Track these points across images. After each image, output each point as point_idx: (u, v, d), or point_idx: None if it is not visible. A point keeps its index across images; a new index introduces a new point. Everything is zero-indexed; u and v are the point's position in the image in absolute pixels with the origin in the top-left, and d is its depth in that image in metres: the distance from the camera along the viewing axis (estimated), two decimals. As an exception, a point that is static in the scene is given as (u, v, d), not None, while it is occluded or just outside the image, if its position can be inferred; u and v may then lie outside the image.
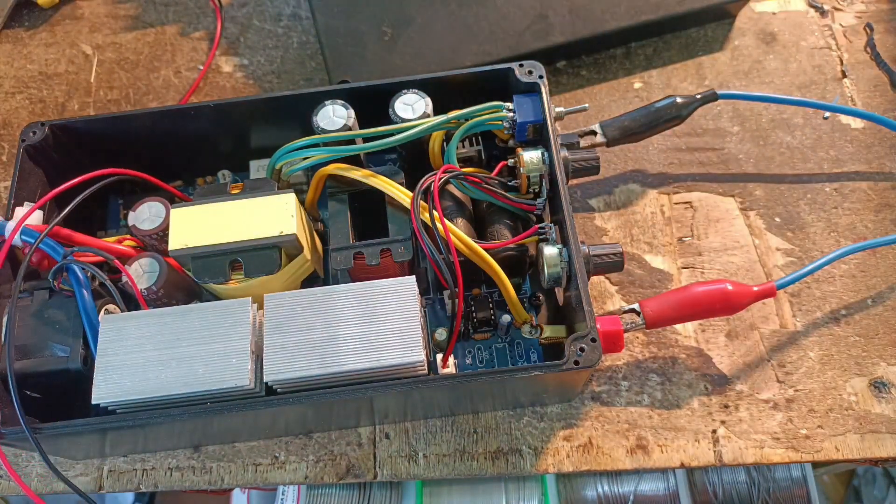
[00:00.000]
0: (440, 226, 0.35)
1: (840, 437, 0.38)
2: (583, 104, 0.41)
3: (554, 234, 0.36)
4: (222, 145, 0.43)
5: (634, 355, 0.41)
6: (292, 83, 0.51)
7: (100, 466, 0.40)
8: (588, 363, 0.32)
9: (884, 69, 0.49)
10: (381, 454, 0.39)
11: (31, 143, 0.38)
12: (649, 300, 0.37)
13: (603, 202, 0.45)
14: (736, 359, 0.40)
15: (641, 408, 0.39)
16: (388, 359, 0.32)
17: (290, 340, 0.33)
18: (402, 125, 0.38)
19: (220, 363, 0.32)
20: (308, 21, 0.53)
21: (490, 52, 0.46)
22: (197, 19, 0.54)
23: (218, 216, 0.35)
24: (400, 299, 0.33)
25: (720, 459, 0.38)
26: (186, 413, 0.32)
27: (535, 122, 0.38)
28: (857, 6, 0.51)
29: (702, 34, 0.51)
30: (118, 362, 0.32)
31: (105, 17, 0.54)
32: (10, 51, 0.53)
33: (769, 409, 0.39)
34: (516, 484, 0.54)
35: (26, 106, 0.51)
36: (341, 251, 0.36)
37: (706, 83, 0.49)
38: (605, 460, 0.39)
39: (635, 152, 0.47)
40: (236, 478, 0.39)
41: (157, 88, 0.51)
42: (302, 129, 0.38)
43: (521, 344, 0.39)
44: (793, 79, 0.49)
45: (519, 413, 0.40)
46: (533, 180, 0.37)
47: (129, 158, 0.42)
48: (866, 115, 0.46)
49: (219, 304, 0.34)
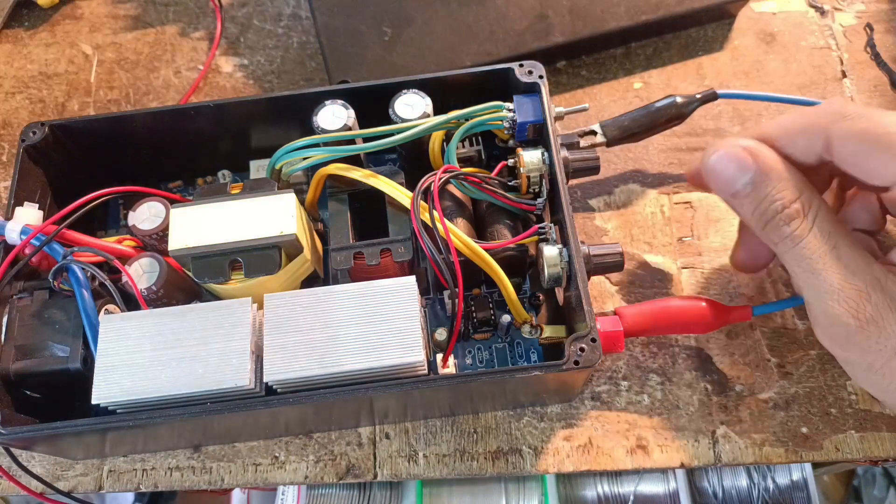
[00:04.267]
0: (440, 226, 0.35)
1: (840, 436, 0.38)
2: (583, 104, 0.41)
3: (554, 234, 0.36)
4: (222, 145, 0.42)
5: (634, 355, 0.41)
6: (292, 83, 0.51)
7: (100, 466, 0.40)
8: (588, 363, 0.32)
9: (884, 69, 0.49)
10: (381, 454, 0.39)
11: (31, 143, 0.38)
12: (626, 308, 0.36)
13: (603, 202, 0.45)
14: (736, 359, 0.40)
15: (641, 408, 0.39)
16: (388, 359, 0.32)
17: (290, 340, 0.33)
18: (402, 125, 0.38)
19: (220, 363, 0.32)
20: (308, 21, 0.53)
21: (490, 52, 0.46)
22: (197, 19, 0.54)
23: (218, 216, 0.35)
24: (400, 299, 0.33)
25: (720, 459, 0.38)
26: (186, 413, 0.32)
27: (535, 122, 0.38)
28: (857, 6, 0.51)
29: (702, 34, 0.51)
30: (118, 362, 0.32)
31: (105, 17, 0.54)
32: (10, 51, 0.53)
33: (769, 409, 0.39)
34: (516, 484, 0.54)
35: (26, 106, 0.51)
36: (341, 251, 0.36)
37: (706, 83, 0.49)
38: (605, 460, 0.39)
39: (635, 152, 0.47)
40: (236, 478, 0.39)
41: (157, 88, 0.51)
42: (302, 129, 0.38)
43: (521, 344, 0.39)
44: (793, 79, 0.49)
45: (519, 413, 0.40)
46: (533, 180, 0.37)
47: (130, 158, 0.42)
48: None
49: (219, 304, 0.34)
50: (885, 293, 0.29)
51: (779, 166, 0.32)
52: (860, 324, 0.29)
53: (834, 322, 0.30)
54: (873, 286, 0.29)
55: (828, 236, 0.30)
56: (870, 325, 0.29)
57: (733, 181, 0.32)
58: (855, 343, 0.30)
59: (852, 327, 0.29)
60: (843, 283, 0.30)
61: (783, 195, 0.31)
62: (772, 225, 0.31)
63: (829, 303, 0.30)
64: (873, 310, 0.29)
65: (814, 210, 0.31)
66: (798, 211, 0.31)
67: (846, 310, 0.29)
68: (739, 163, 0.32)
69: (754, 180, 0.32)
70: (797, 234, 0.31)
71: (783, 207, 0.31)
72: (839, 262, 0.30)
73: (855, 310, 0.29)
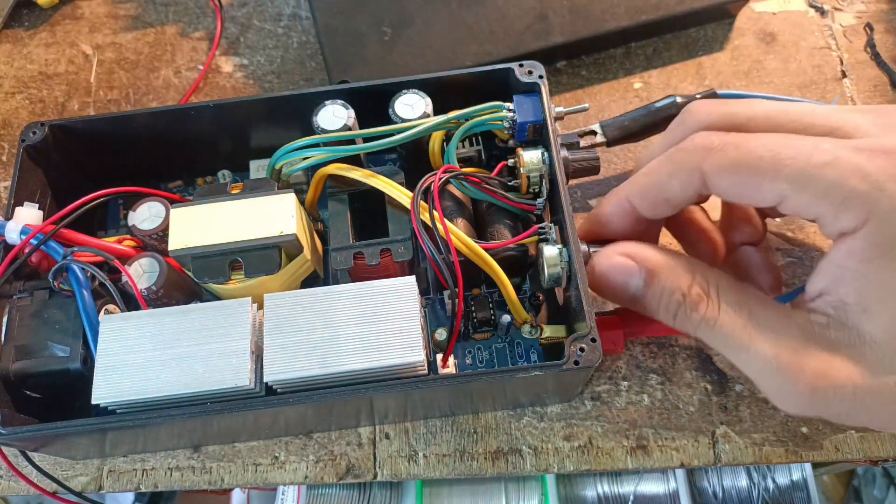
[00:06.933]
0: (440, 226, 0.35)
1: (840, 436, 0.38)
2: (583, 104, 0.41)
3: (554, 234, 0.36)
4: (222, 145, 0.42)
5: (634, 355, 0.41)
6: (292, 83, 0.51)
7: (100, 466, 0.40)
8: (588, 363, 0.32)
9: (884, 69, 0.49)
10: (381, 454, 0.39)
11: (31, 143, 0.38)
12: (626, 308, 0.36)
13: (603, 202, 0.45)
14: (736, 359, 0.40)
15: (641, 408, 0.39)
16: (388, 359, 0.32)
17: (290, 340, 0.33)
18: (402, 125, 0.38)
19: (220, 363, 0.32)
20: (308, 21, 0.53)
21: (490, 52, 0.46)
22: (197, 19, 0.54)
23: (218, 216, 0.35)
24: (400, 299, 0.33)
25: (720, 459, 0.38)
26: (186, 413, 0.32)
27: (535, 122, 0.38)
28: (857, 6, 0.51)
29: (702, 34, 0.51)
30: (118, 362, 0.32)
31: (105, 17, 0.54)
32: (10, 51, 0.53)
33: (769, 408, 0.39)
34: (516, 484, 0.54)
35: (26, 106, 0.51)
36: (341, 251, 0.36)
37: (706, 83, 0.49)
38: (605, 460, 0.39)
39: (635, 152, 0.47)
40: (236, 478, 0.39)
41: (157, 88, 0.51)
42: (302, 129, 0.38)
43: (521, 344, 0.39)
44: (793, 79, 0.49)
45: (519, 413, 0.40)
46: (533, 180, 0.37)
47: (129, 158, 0.42)
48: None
49: (219, 304, 0.34)
50: (818, 341, 0.28)
51: (662, 259, 0.31)
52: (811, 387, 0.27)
53: (785, 394, 0.28)
54: (805, 339, 0.28)
55: (739, 307, 0.29)
56: (820, 380, 0.27)
57: (626, 288, 0.32)
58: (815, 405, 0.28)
59: (805, 392, 0.28)
60: (773, 350, 0.28)
61: (678, 284, 0.30)
62: (680, 316, 0.31)
63: (771, 377, 0.28)
64: (818, 368, 0.27)
65: (713, 287, 0.30)
66: (699, 294, 0.30)
67: (791, 378, 0.28)
68: (624, 271, 0.32)
69: (645, 281, 0.31)
70: (708, 317, 0.30)
71: (683, 297, 0.30)
72: (760, 329, 0.29)
73: (798, 373, 0.28)
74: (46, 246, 0.35)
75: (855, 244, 0.27)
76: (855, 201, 0.27)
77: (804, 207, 0.28)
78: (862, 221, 0.27)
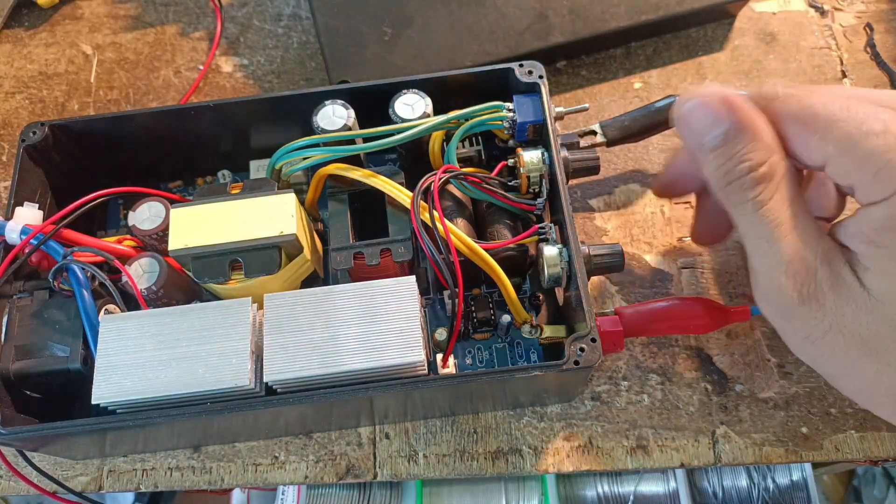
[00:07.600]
0: (440, 226, 0.35)
1: (840, 436, 0.38)
2: (583, 104, 0.41)
3: (554, 234, 0.36)
4: (222, 145, 0.43)
5: (634, 355, 0.41)
6: (292, 83, 0.51)
7: (100, 466, 0.40)
8: (588, 363, 0.32)
9: (884, 69, 0.49)
10: (381, 454, 0.39)
11: (31, 143, 0.38)
12: (626, 308, 0.36)
13: (603, 202, 0.45)
14: (736, 359, 0.40)
15: (641, 408, 0.39)
16: (388, 359, 0.32)
17: (290, 340, 0.33)
18: (402, 125, 0.38)
19: (220, 363, 0.32)
20: (308, 21, 0.53)
21: (490, 52, 0.46)
22: (197, 19, 0.54)
23: (218, 216, 0.35)
24: (400, 299, 0.33)
25: (720, 459, 0.38)
26: (186, 413, 0.32)
27: (535, 122, 0.38)
28: (857, 6, 0.51)
29: (702, 34, 0.51)
30: (118, 362, 0.32)
31: (105, 17, 0.54)
32: (10, 51, 0.53)
33: (769, 409, 0.39)
34: (516, 484, 0.54)
35: (26, 106, 0.51)
36: (341, 251, 0.36)
37: (706, 83, 0.49)
38: (605, 460, 0.39)
39: (635, 152, 0.47)
40: (236, 478, 0.39)
41: (157, 88, 0.51)
42: (302, 129, 0.38)
43: (521, 344, 0.39)
44: (793, 79, 0.49)
45: (519, 413, 0.40)
46: (533, 180, 0.37)
47: (129, 158, 0.42)
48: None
49: (219, 304, 0.34)
50: (832, 270, 0.29)
51: (756, 124, 0.29)
52: (803, 298, 0.29)
53: (778, 294, 0.29)
54: (822, 261, 0.29)
55: (789, 204, 0.29)
56: (811, 301, 0.29)
57: (704, 133, 0.30)
58: (795, 315, 0.30)
59: (794, 301, 0.29)
60: (793, 255, 0.29)
61: (753, 156, 0.29)
62: (735, 186, 0.29)
63: (776, 275, 0.29)
64: (817, 287, 0.29)
65: (779, 176, 0.29)
66: (765, 175, 0.29)
67: (792, 284, 0.29)
68: (714, 114, 0.29)
69: (727, 135, 0.29)
70: (760, 200, 0.29)
71: (750, 170, 0.29)
72: (794, 233, 0.29)
73: (801, 284, 0.29)
74: (46, 246, 0.35)
75: (875, 212, 0.28)
76: (889, 174, 0.27)
77: (843, 174, 0.28)
78: (890, 193, 0.27)
